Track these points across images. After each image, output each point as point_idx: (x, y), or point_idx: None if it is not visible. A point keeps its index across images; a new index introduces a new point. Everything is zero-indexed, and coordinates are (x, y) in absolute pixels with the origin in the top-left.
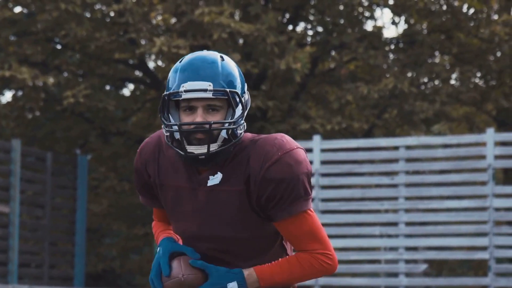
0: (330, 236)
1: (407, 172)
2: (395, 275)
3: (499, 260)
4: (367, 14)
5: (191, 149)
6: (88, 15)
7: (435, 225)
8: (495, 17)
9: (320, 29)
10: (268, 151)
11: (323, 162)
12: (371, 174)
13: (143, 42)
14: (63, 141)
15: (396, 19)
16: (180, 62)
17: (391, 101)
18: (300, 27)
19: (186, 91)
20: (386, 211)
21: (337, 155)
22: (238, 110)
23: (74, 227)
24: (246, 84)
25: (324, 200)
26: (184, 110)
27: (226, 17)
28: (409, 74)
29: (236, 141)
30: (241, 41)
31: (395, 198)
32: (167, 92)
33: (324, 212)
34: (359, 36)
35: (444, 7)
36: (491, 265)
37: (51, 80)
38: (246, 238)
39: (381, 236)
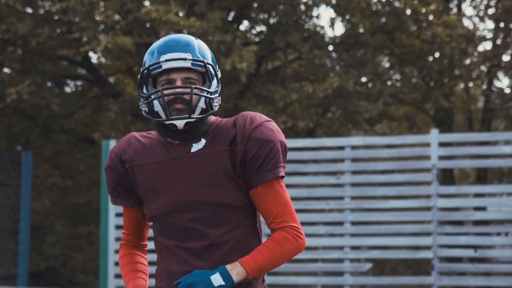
0: None
1: (353, 172)
2: (340, 274)
3: (443, 259)
4: (310, 13)
5: (172, 118)
6: (30, 10)
7: (380, 225)
8: (431, 18)
9: (264, 28)
10: (252, 117)
11: None
12: (316, 173)
13: (85, 40)
14: (4, 139)
15: (338, 19)
16: (156, 43)
17: (336, 101)
18: (244, 25)
19: (166, 60)
20: (332, 210)
21: None
22: (214, 83)
23: (18, 226)
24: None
25: None
26: (162, 84)
27: (173, 15)
28: (353, 73)
29: (212, 112)
30: None
31: (341, 198)
32: (147, 65)
33: None
34: (303, 36)
35: (387, 8)
36: (435, 264)
37: None
38: (224, 204)
39: (326, 235)
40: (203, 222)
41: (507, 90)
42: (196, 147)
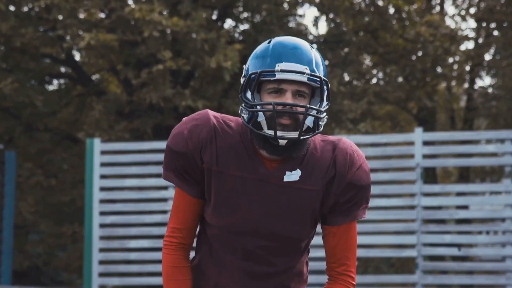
0: None
1: None
2: (325, 272)
3: (426, 258)
4: (294, 12)
5: (280, 133)
6: (12, 8)
7: (364, 223)
8: (417, 18)
9: (248, 26)
10: (351, 155)
11: None
12: None
13: (69, 38)
14: None
15: (322, 18)
16: (268, 43)
17: None
18: (228, 24)
19: (282, 70)
20: None
21: None
22: (325, 100)
23: (1, 225)
24: None
25: None
26: (269, 92)
27: (157, 14)
28: (337, 73)
29: (318, 132)
30: (170, 38)
31: None
32: (258, 70)
33: None
34: (287, 34)
35: (372, 8)
36: (419, 263)
37: None
38: (298, 239)
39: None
40: (271, 251)
41: (489, 89)
42: (289, 177)
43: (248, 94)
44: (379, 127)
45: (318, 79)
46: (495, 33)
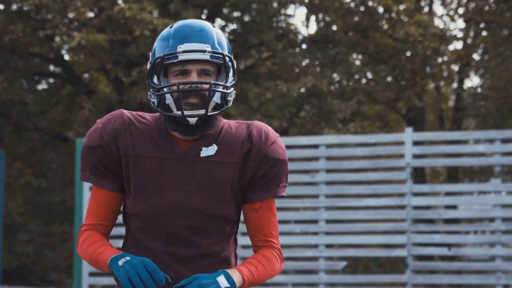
0: None
1: (327, 171)
2: (315, 272)
3: (416, 258)
4: (283, 11)
5: (186, 112)
6: (1, 7)
7: (354, 223)
8: (404, 17)
9: (236, 26)
10: (266, 132)
11: None
12: (291, 172)
13: (58, 39)
14: None
15: (311, 17)
16: (170, 27)
17: (310, 100)
18: (217, 23)
19: (184, 51)
20: (306, 209)
21: None
22: (231, 76)
23: None
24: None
25: None
26: (175, 74)
27: (147, 14)
28: (327, 73)
29: (226, 107)
30: None
31: (316, 196)
32: (161, 54)
33: None
34: (277, 34)
35: (362, 8)
36: (409, 263)
37: None
38: (220, 217)
39: (301, 233)
40: (195, 231)
41: (478, 89)
42: (206, 152)
43: (155, 79)
44: (368, 127)
45: (221, 55)
46: (484, 33)
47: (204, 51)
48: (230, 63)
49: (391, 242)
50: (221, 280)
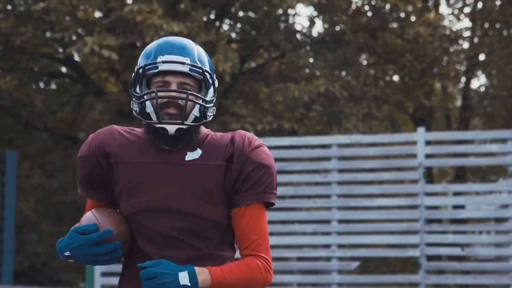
0: None
1: (340, 170)
2: (327, 272)
3: (430, 258)
4: (292, 12)
5: (164, 125)
6: (10, 7)
7: (367, 223)
8: (413, 17)
9: (245, 26)
10: (249, 138)
11: None
12: (303, 172)
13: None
14: None
15: (319, 17)
16: (152, 44)
17: (320, 100)
18: (226, 24)
19: (164, 61)
20: (319, 209)
21: None
22: (210, 92)
23: (3, 224)
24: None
25: None
26: (157, 86)
27: (158, 17)
28: (338, 75)
29: (206, 121)
30: None
31: (328, 196)
32: (143, 64)
33: None
34: (284, 34)
35: (367, 8)
36: (422, 263)
37: None
38: (211, 220)
39: (314, 233)
40: (187, 233)
41: (485, 89)
42: (191, 156)
43: (138, 89)
44: (375, 127)
45: (200, 70)
46: (491, 32)
47: (183, 63)
48: (210, 80)
49: (404, 242)
50: (183, 276)
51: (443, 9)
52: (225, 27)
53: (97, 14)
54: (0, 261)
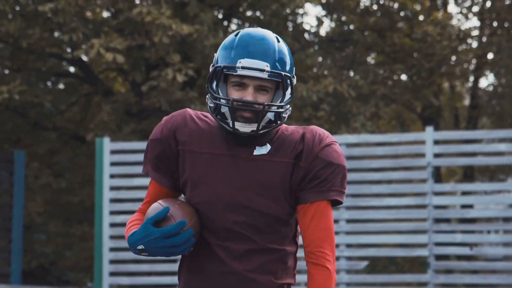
0: None
1: (348, 170)
2: (336, 272)
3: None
4: (301, 11)
5: (238, 125)
6: (17, 8)
7: (375, 223)
8: (421, 16)
9: (254, 25)
10: (320, 135)
11: None
12: None
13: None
14: None
15: (327, 16)
16: (235, 35)
17: (328, 99)
18: (234, 23)
19: (243, 67)
20: None
21: None
22: (288, 94)
23: (11, 224)
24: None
25: None
26: (233, 85)
27: (167, 17)
28: (346, 75)
29: (280, 124)
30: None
31: None
32: (222, 65)
33: None
34: (292, 34)
35: (377, 9)
36: (431, 262)
37: None
38: (273, 216)
39: None
40: (248, 227)
41: (493, 88)
42: (259, 150)
43: (214, 85)
44: (383, 126)
45: (279, 75)
46: (499, 31)
47: (262, 70)
48: (288, 81)
49: (413, 241)
50: None
51: (452, 8)
52: (233, 26)
53: (105, 14)
54: (8, 261)
